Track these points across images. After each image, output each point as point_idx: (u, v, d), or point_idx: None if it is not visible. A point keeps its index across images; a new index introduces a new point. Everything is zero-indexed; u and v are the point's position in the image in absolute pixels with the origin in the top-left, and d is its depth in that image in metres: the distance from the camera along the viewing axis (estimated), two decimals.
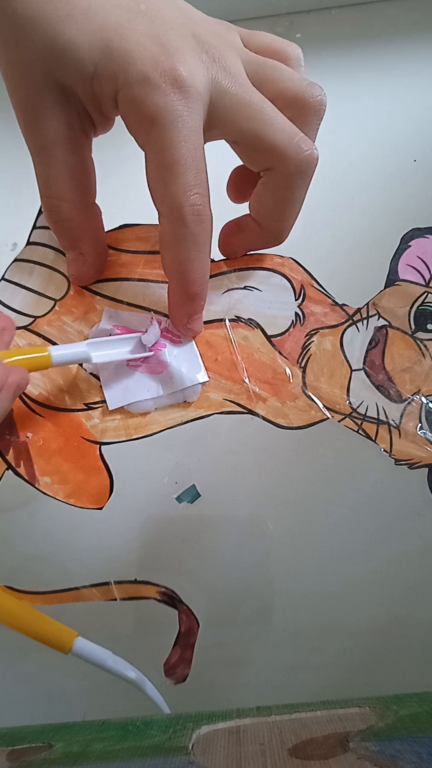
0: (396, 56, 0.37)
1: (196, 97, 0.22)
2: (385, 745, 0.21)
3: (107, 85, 0.22)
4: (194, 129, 0.23)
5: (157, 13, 0.23)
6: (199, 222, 0.24)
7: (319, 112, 0.26)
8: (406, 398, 0.30)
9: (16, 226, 0.33)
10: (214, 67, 0.23)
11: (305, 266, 0.32)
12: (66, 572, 0.28)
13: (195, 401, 0.29)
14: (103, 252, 0.30)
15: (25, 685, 0.29)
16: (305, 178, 0.25)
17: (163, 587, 0.28)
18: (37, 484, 0.29)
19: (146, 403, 0.29)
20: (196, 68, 0.22)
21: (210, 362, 0.30)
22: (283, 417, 0.29)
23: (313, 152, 0.25)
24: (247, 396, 0.30)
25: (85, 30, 0.22)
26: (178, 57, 0.22)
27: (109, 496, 0.29)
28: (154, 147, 0.23)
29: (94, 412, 0.29)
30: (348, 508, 0.29)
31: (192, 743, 0.23)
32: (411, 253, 0.32)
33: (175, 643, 0.28)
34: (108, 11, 0.22)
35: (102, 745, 0.24)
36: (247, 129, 0.24)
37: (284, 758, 0.21)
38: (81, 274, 0.29)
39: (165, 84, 0.22)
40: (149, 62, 0.22)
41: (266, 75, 0.25)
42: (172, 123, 0.22)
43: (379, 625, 0.28)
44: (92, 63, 0.22)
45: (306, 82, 0.25)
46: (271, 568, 0.29)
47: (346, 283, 0.32)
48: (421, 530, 0.29)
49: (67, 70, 0.22)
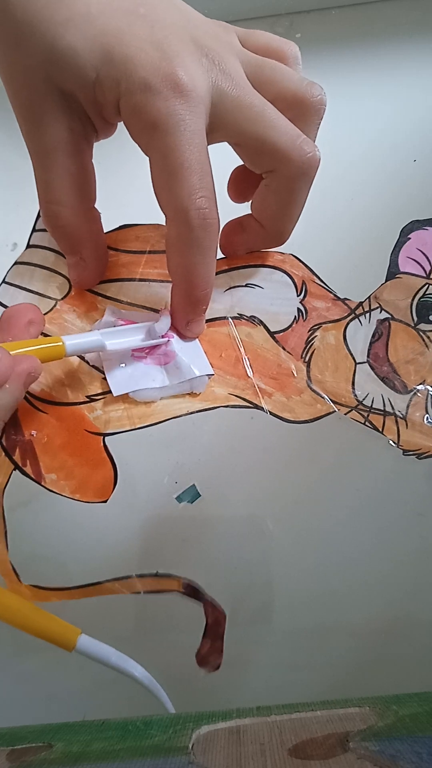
0: (396, 56, 0.37)
1: (197, 101, 0.22)
2: (385, 745, 0.21)
3: (109, 91, 0.22)
4: (197, 132, 0.23)
5: (156, 17, 0.22)
6: (205, 226, 0.24)
7: (319, 112, 0.26)
8: (411, 389, 0.30)
9: (17, 226, 0.33)
10: (214, 70, 0.23)
11: (306, 262, 0.32)
12: (77, 575, 0.28)
13: (201, 394, 0.30)
14: (104, 256, 0.30)
15: (25, 685, 0.29)
16: (307, 181, 0.25)
17: (186, 580, 0.28)
18: (44, 481, 0.29)
19: (152, 392, 0.29)
20: (196, 72, 0.22)
21: (214, 359, 0.30)
22: (289, 411, 0.30)
23: (315, 154, 0.25)
24: (252, 391, 0.30)
25: (85, 35, 0.21)
26: (178, 62, 0.22)
27: (113, 488, 0.29)
28: (157, 152, 0.23)
29: (97, 404, 0.29)
30: (350, 506, 0.29)
31: (192, 743, 0.23)
32: (411, 245, 0.32)
33: (204, 634, 0.28)
34: (108, 16, 0.22)
35: (102, 745, 0.24)
36: (250, 132, 0.24)
37: (284, 758, 0.21)
38: (82, 279, 0.30)
39: (166, 89, 0.22)
40: (150, 68, 0.21)
41: (266, 76, 0.25)
42: (174, 127, 0.22)
43: (379, 625, 0.28)
44: (93, 69, 0.22)
45: (306, 81, 0.25)
46: (271, 568, 0.29)
47: (348, 277, 0.32)
48: (422, 530, 0.29)
49: (67, 75, 0.22)
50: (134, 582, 0.28)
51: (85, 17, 0.22)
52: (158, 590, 0.28)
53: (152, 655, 0.28)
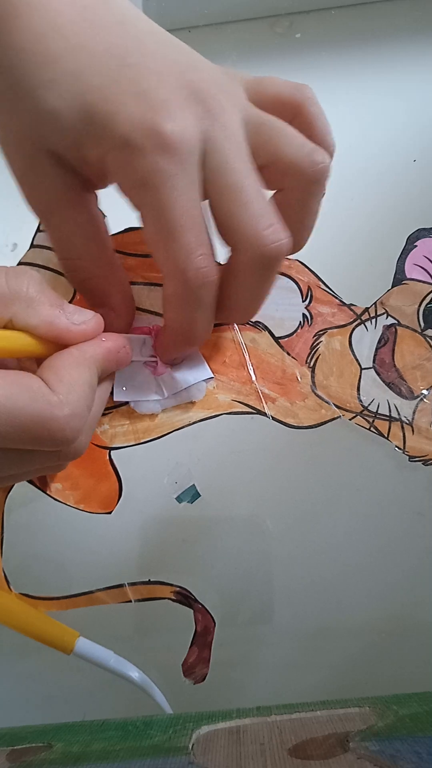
0: (396, 56, 0.37)
1: (186, 153, 0.21)
2: (385, 745, 0.21)
3: (93, 151, 0.21)
4: (188, 187, 0.21)
5: (146, 65, 0.21)
6: (204, 285, 0.23)
7: (319, 182, 0.24)
8: (418, 395, 0.30)
9: (17, 226, 0.33)
10: (208, 118, 0.22)
11: (312, 268, 0.32)
12: (74, 576, 0.28)
13: (204, 402, 0.29)
14: (132, 302, 0.28)
15: (25, 685, 0.29)
16: (264, 269, 0.24)
17: (177, 587, 0.28)
18: (49, 490, 0.29)
19: (152, 405, 0.29)
20: (184, 121, 0.21)
21: (218, 365, 0.30)
22: (292, 417, 0.30)
23: (281, 244, 0.23)
24: (256, 397, 0.30)
25: (68, 95, 0.21)
26: (163, 113, 0.20)
27: (118, 501, 0.29)
28: (148, 210, 0.22)
29: (104, 419, 0.29)
30: (354, 511, 0.29)
31: (192, 743, 0.23)
32: (417, 252, 0.32)
33: (192, 642, 0.28)
34: (93, 71, 0.21)
35: (102, 745, 0.24)
36: (221, 203, 0.22)
37: (284, 758, 0.21)
38: (114, 328, 0.27)
39: (151, 145, 0.20)
40: (132, 123, 0.20)
41: (265, 136, 0.23)
42: (162, 184, 0.21)
43: (379, 625, 0.28)
44: (76, 130, 0.21)
45: (307, 147, 0.23)
46: (272, 568, 0.29)
47: (353, 283, 0.32)
48: (424, 533, 0.29)
49: (53, 137, 0.21)
50: (125, 591, 0.28)
51: (70, 76, 0.21)
52: (150, 598, 0.28)
53: (152, 656, 0.28)
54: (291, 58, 0.36)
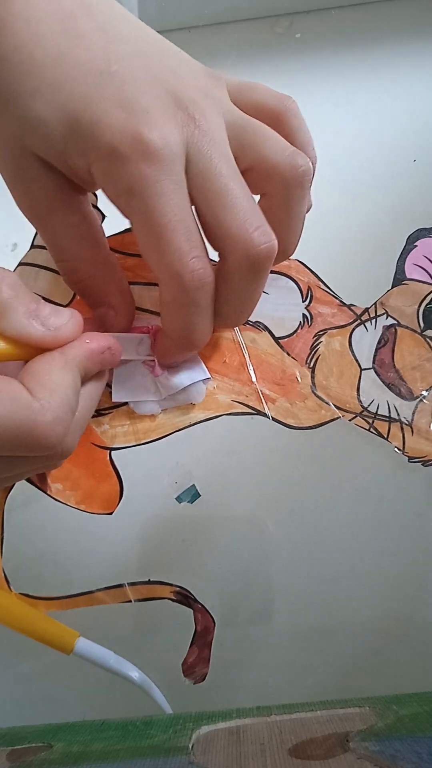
0: (396, 56, 0.37)
1: (170, 159, 0.21)
2: (385, 745, 0.21)
3: (79, 160, 0.22)
4: (174, 192, 0.21)
5: (129, 73, 0.21)
6: (201, 287, 0.23)
7: (302, 184, 0.24)
8: (417, 395, 0.30)
9: (17, 226, 0.33)
10: (191, 125, 0.22)
11: (312, 268, 0.32)
12: (74, 576, 0.28)
13: (204, 403, 0.29)
14: (131, 301, 0.28)
15: (25, 685, 0.29)
16: (254, 271, 0.24)
17: (177, 586, 0.28)
18: (49, 490, 0.29)
19: (151, 406, 0.29)
20: (167, 127, 0.21)
21: (218, 365, 0.30)
22: (292, 417, 0.30)
23: (270, 245, 0.23)
24: (256, 397, 0.30)
25: (52, 104, 0.21)
26: (146, 120, 0.21)
27: (119, 501, 0.29)
28: (137, 217, 0.22)
29: (104, 418, 0.29)
30: (353, 512, 0.29)
31: (192, 743, 0.23)
32: (417, 252, 0.32)
33: (192, 642, 0.28)
34: (76, 80, 0.21)
35: (102, 745, 0.24)
36: (208, 208, 0.22)
37: (284, 758, 0.21)
38: (115, 327, 0.28)
39: (135, 153, 0.21)
40: (116, 131, 0.20)
41: (248, 140, 0.23)
42: (148, 191, 0.21)
43: (379, 625, 0.28)
44: (61, 139, 0.21)
45: (289, 151, 0.24)
46: (272, 568, 0.29)
47: (353, 283, 0.32)
48: (424, 534, 0.29)
49: (41, 145, 0.22)
50: (125, 591, 0.28)
51: (53, 85, 0.21)
52: (150, 598, 0.28)
53: (152, 656, 0.28)
54: (291, 58, 0.36)
